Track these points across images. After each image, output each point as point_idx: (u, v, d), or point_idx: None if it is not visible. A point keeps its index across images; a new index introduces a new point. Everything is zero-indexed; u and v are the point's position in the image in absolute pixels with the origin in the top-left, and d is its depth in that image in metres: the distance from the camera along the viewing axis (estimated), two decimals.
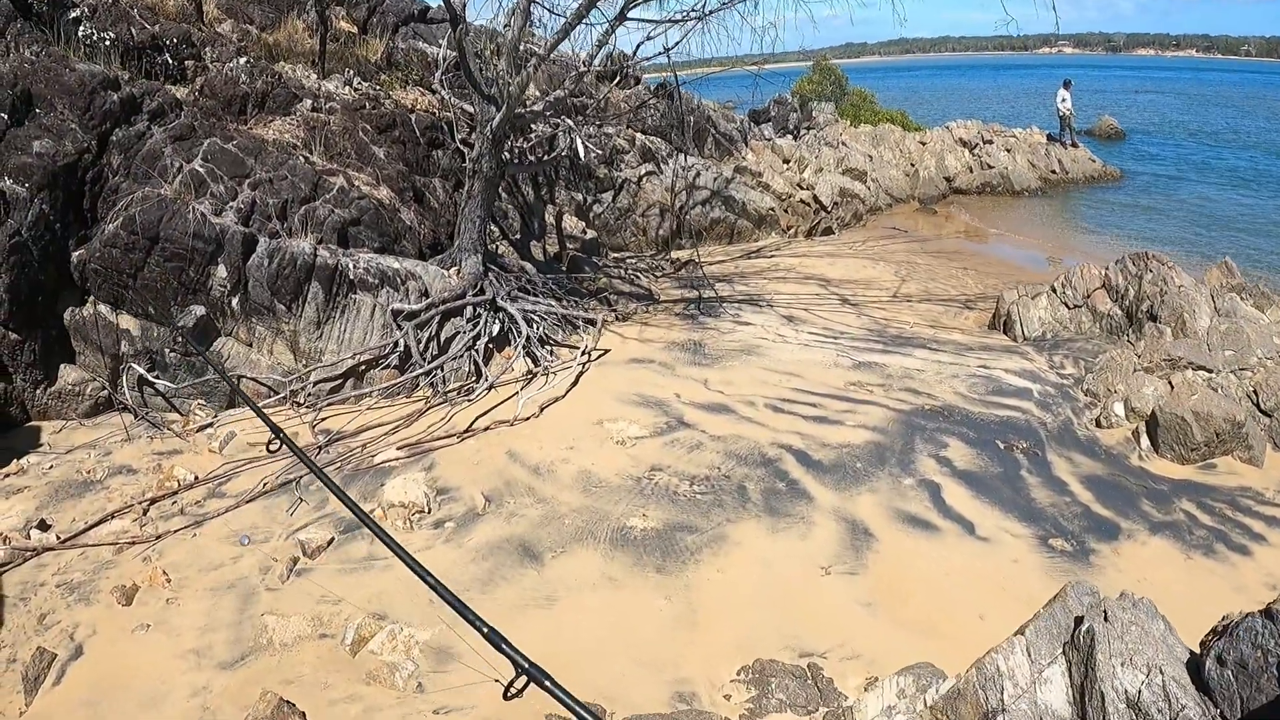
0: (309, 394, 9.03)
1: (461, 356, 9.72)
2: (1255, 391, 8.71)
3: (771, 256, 15.72)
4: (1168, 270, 10.78)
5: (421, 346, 9.57)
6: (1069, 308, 11.51)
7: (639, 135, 17.01)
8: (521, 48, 10.48)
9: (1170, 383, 8.92)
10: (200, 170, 9.52)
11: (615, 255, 15.08)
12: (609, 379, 9.59)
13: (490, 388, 9.33)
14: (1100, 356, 10.14)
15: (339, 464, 7.71)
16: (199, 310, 8.84)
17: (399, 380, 9.25)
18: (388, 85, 12.91)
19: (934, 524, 6.73)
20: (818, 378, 9.52)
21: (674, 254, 15.37)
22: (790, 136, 22.85)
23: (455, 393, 9.24)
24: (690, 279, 13.74)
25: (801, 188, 18.98)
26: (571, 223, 14.64)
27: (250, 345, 9.22)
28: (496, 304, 10.29)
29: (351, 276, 9.38)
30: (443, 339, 9.83)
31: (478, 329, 9.95)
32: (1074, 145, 26.09)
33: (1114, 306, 11.07)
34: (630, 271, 13.92)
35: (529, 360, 9.97)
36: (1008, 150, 24.60)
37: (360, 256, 9.68)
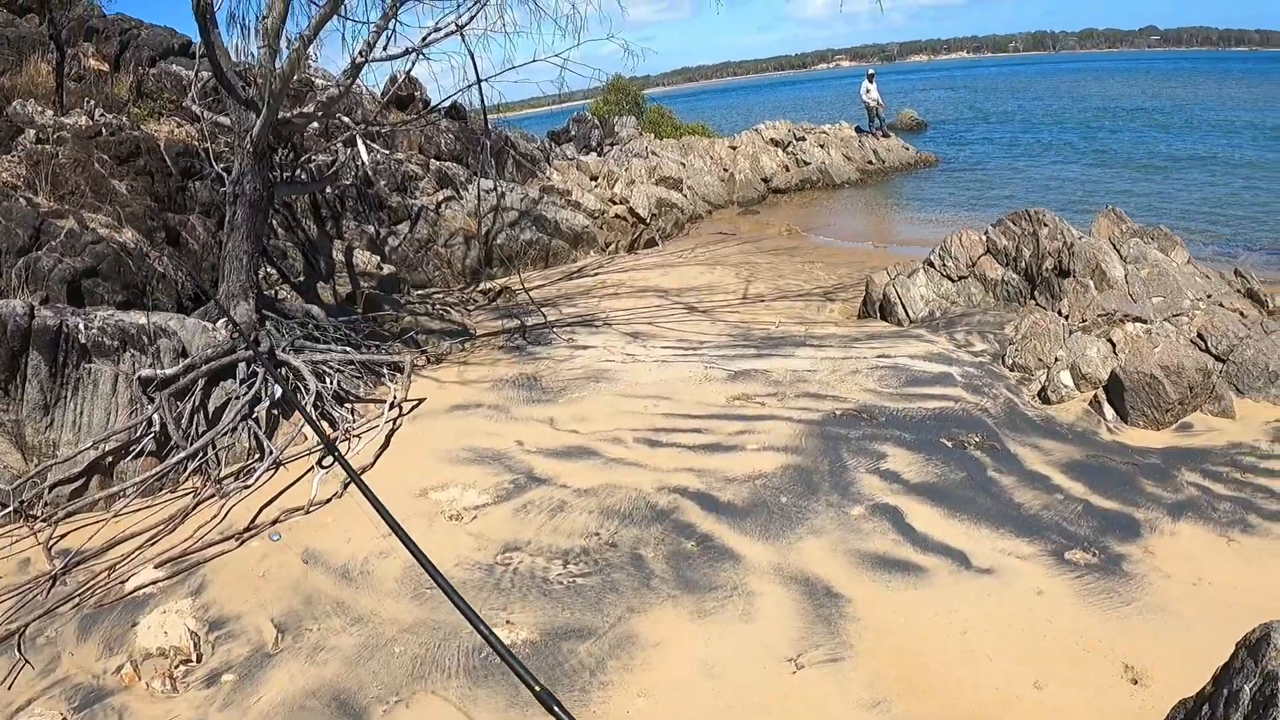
0: (45, 503, 6.72)
1: (236, 429, 7.50)
2: (1202, 337, 7.71)
3: (595, 274, 14.03)
4: (1062, 224, 9.88)
5: (184, 422, 7.36)
6: (953, 280, 10.41)
7: (433, 161, 15.21)
8: (286, 40, 8.43)
9: (1111, 341, 7.80)
10: None
11: (420, 291, 13.03)
12: (429, 434, 7.57)
13: (277, 465, 7.21)
14: (1008, 327, 9.03)
15: (78, 599, 5.46)
16: None
17: (158, 470, 7.00)
18: (138, 117, 11.13)
19: (914, 563, 5.06)
20: (691, 397, 7.79)
21: (486, 284, 13.42)
22: (594, 154, 21.58)
23: (233, 477, 7.08)
24: (509, 308, 11.83)
25: (615, 202, 17.61)
26: (364, 258, 12.57)
27: None
28: (276, 357, 8.09)
29: (83, 340, 7.13)
30: (211, 409, 7.66)
31: (254, 391, 7.71)
32: (885, 135, 26.18)
33: (1007, 271, 10.04)
34: (439, 307, 11.87)
35: (326, 424, 7.85)
36: (821, 146, 24.29)
37: (96, 314, 7.50)
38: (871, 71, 27.42)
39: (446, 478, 6.68)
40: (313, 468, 7.10)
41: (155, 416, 7.17)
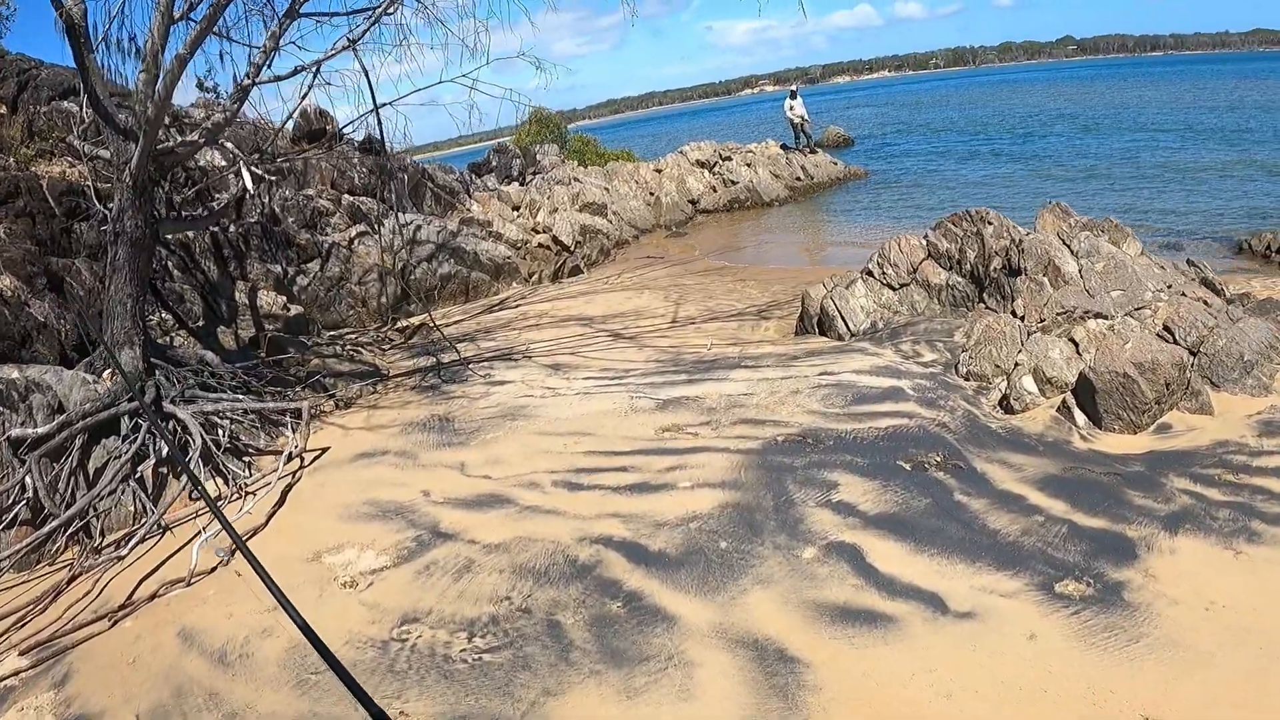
0: None
1: (117, 491, 6.67)
2: (1169, 329, 7.18)
3: (517, 306, 13.23)
4: (1007, 221, 9.38)
5: (61, 485, 6.56)
6: (894, 289, 9.82)
7: (346, 195, 14.36)
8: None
9: (1074, 340, 7.23)
10: None
11: (332, 332, 12.16)
12: (330, 487, 6.77)
13: (163, 529, 6.41)
14: (958, 333, 8.48)
15: None
16: None
17: (31, 540, 6.13)
18: (25, 158, 10.33)
19: (882, 612, 4.31)
20: (616, 431, 7.00)
21: (402, 322, 12.56)
22: (516, 184, 20.88)
23: (115, 546, 6.26)
24: (425, 345, 10.98)
25: (538, 231, 16.86)
26: (270, 299, 11.68)
27: None
28: (163, 409, 7.26)
29: None
30: (91, 470, 6.83)
31: (136, 447, 6.90)
32: (812, 151, 25.90)
33: (952, 275, 9.47)
34: (350, 347, 10.99)
35: (219, 480, 7.08)
36: (748, 165, 23.85)
37: None
38: (794, 89, 27.20)
39: (344, 537, 5.86)
40: (199, 533, 6.26)
41: (27, 481, 6.32)
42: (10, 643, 5.14)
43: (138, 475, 6.78)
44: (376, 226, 14.04)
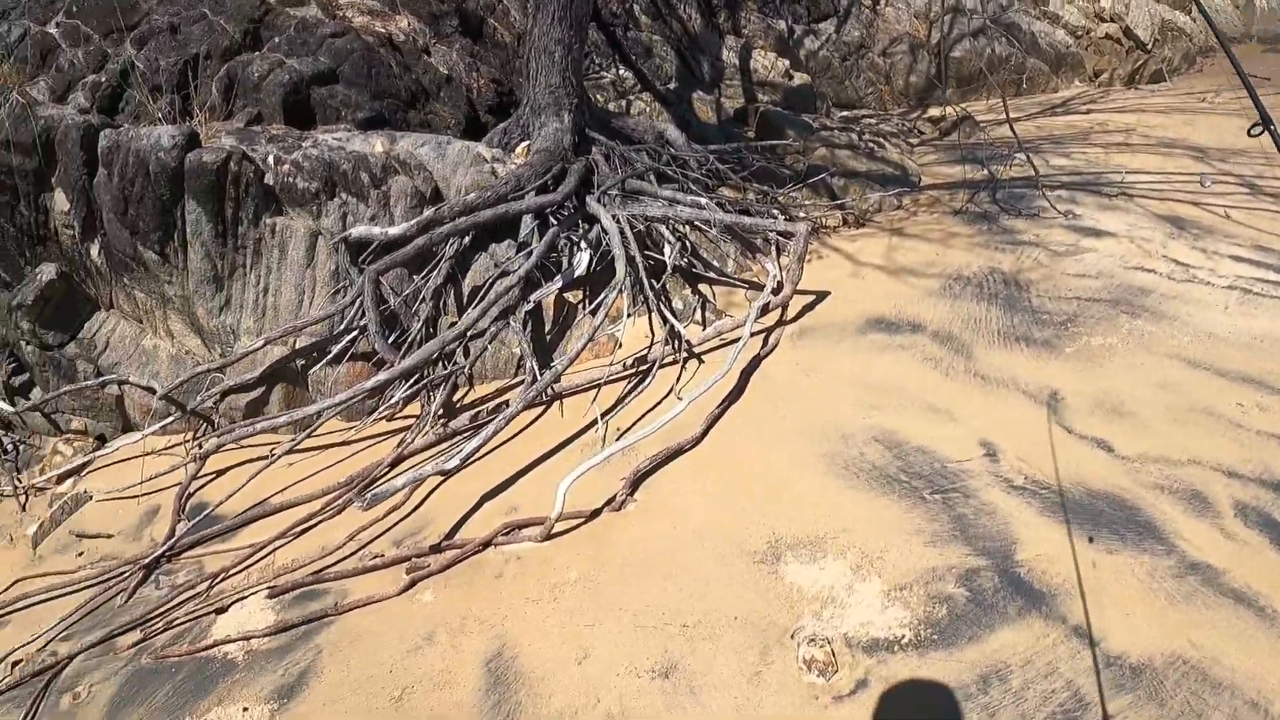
0: (221, 415, 4.68)
1: (499, 327, 4.67)
2: None
3: (1088, 112, 9.67)
4: None
5: (421, 309, 4.75)
6: None
7: None
8: None
9: None
10: (53, 33, 5.70)
11: (844, 113, 9.56)
12: (818, 379, 4.31)
13: (550, 399, 4.44)
14: None
15: (152, 641, 3.31)
16: (48, 271, 4.85)
17: (368, 384, 4.24)
18: None
19: None
20: None
21: (935, 110, 9.60)
22: None
23: (475, 415, 4.40)
24: (970, 148, 8.00)
25: (1103, 19, 12.71)
26: (767, 62, 9.30)
27: (141, 322, 5.00)
28: (587, 209, 5.18)
29: (270, 180, 4.64)
30: (467, 290, 4.90)
31: (532, 261, 4.75)
32: None
33: None
34: (868, 138, 8.05)
35: (651, 320, 4.90)
36: None
37: (321, 138, 4.97)
38: None
39: (829, 517, 3.31)
40: (595, 423, 4.15)
41: (364, 305, 4.48)
42: (273, 566, 3.59)
43: (531, 305, 4.72)
44: None
